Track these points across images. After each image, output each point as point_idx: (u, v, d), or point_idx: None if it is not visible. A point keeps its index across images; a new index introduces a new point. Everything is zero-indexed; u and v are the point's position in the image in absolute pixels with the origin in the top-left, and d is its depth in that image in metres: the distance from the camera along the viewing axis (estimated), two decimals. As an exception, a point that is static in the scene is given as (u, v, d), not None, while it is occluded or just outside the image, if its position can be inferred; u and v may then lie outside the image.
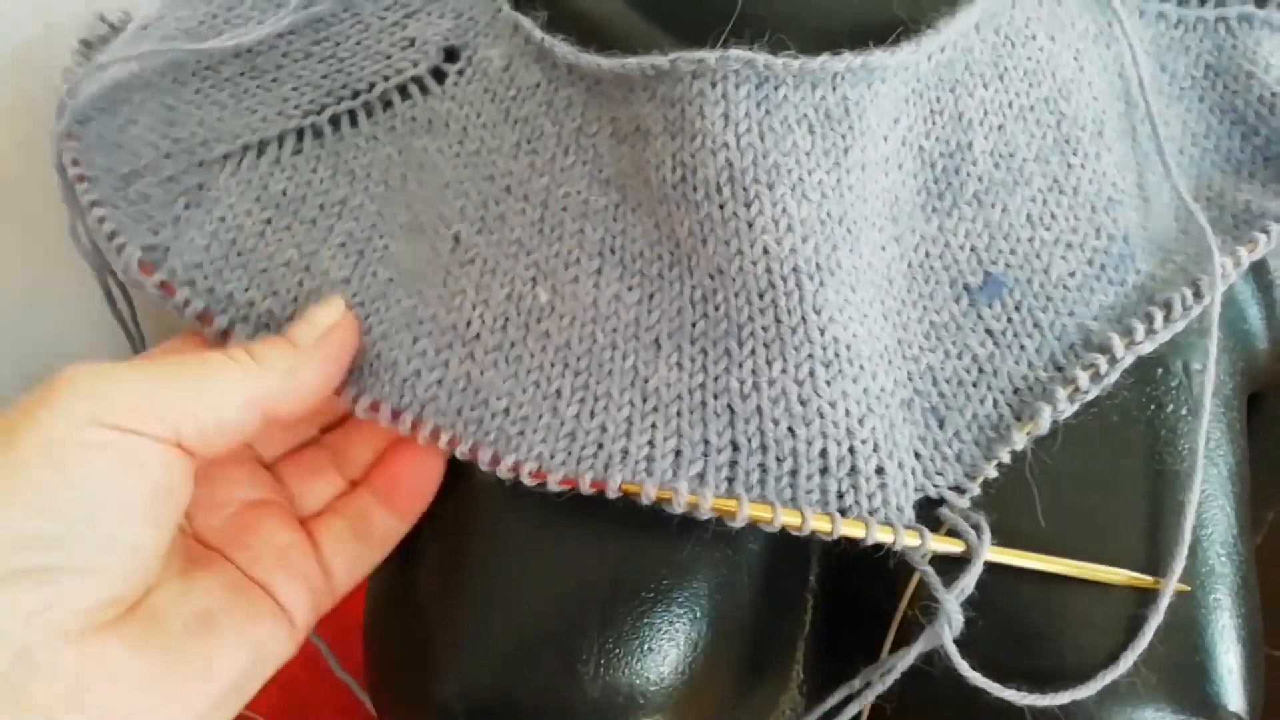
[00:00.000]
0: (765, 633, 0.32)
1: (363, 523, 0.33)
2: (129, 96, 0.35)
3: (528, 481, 0.29)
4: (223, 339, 0.32)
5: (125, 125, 0.34)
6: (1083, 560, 0.30)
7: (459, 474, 0.33)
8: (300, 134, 0.35)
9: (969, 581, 0.28)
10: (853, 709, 0.31)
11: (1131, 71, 0.34)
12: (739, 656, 0.31)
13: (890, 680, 0.30)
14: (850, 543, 0.29)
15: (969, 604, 0.29)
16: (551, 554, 0.31)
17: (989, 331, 0.31)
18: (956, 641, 0.28)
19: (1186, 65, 0.35)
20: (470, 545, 0.31)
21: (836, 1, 0.30)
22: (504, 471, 0.30)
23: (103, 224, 0.33)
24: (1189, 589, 0.30)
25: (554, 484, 0.29)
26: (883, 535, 0.28)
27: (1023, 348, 0.31)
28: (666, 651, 0.30)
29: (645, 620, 0.30)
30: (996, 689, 0.28)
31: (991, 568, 0.29)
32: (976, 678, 0.28)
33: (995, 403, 0.31)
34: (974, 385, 0.31)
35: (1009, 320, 0.31)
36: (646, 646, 0.30)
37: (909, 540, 0.29)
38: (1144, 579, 0.30)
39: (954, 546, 0.29)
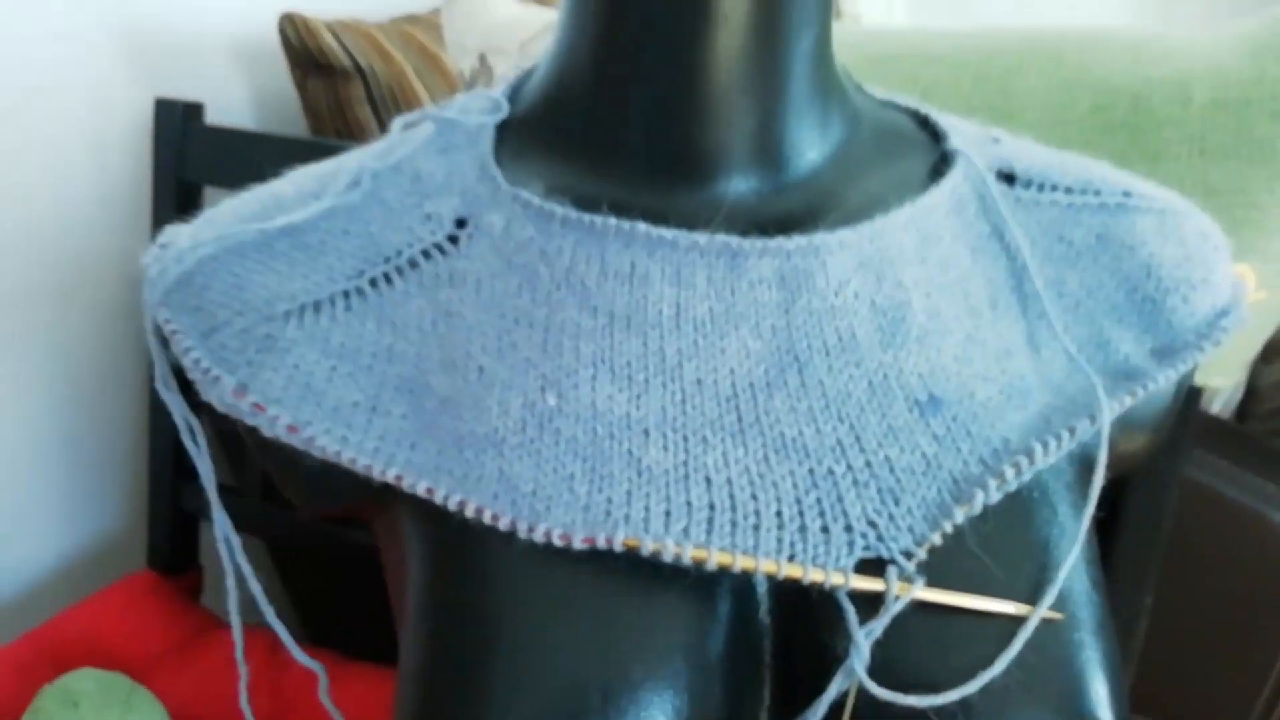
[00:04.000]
0: (732, 703, 0.37)
1: None
2: (200, 269, 0.42)
3: (557, 543, 0.36)
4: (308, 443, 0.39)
5: (200, 292, 0.41)
6: (981, 595, 0.37)
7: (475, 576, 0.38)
8: (347, 295, 0.41)
9: (879, 625, 0.36)
10: None
11: (1020, 260, 0.43)
12: None
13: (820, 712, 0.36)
14: (801, 619, 0.37)
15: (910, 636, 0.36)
16: (558, 642, 0.36)
17: (934, 436, 0.39)
18: (891, 667, 0.36)
19: (1082, 234, 0.43)
20: (488, 635, 0.37)
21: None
22: (538, 537, 0.36)
23: (198, 364, 0.40)
24: (1060, 617, 0.37)
25: (578, 543, 0.36)
26: (815, 575, 0.36)
27: (959, 449, 0.39)
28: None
29: (639, 692, 0.35)
30: (900, 698, 0.35)
31: (919, 605, 0.37)
32: (883, 692, 0.35)
33: (939, 490, 0.38)
34: (923, 475, 0.38)
35: (948, 429, 0.39)
36: (641, 715, 0.35)
37: (835, 579, 0.36)
38: (1024, 608, 0.37)
39: (877, 585, 0.36)
